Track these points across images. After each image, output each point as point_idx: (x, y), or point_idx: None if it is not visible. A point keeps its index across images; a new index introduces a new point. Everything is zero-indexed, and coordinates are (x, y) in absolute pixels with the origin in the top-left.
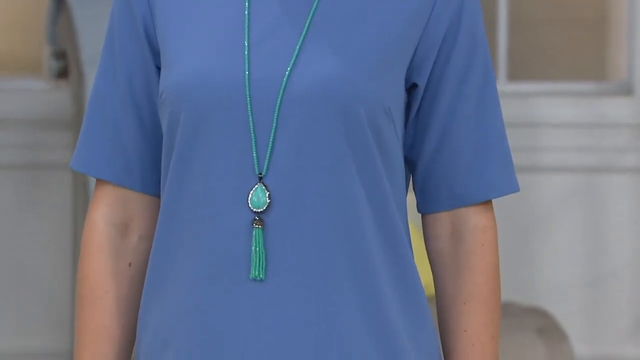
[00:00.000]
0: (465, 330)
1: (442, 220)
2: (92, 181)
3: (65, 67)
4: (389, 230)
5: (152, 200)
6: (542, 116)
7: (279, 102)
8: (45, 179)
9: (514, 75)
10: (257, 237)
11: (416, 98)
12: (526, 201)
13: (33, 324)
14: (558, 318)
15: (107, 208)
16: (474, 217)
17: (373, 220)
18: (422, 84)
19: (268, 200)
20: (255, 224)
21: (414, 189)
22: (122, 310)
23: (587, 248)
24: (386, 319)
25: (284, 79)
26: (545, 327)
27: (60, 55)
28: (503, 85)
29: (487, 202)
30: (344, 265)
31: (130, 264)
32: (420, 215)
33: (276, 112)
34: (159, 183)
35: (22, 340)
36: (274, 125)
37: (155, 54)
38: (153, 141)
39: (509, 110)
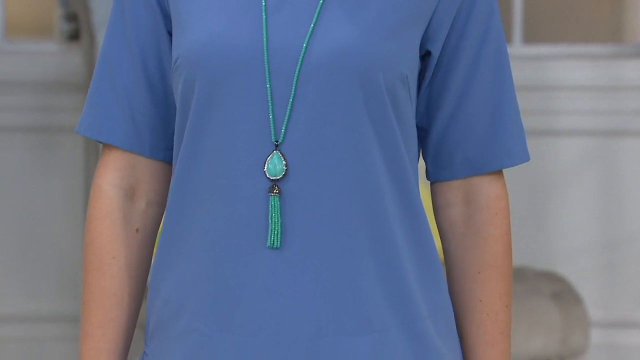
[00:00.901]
0: (480, 300)
1: (455, 188)
2: None
3: (76, 29)
4: (406, 197)
5: (161, 165)
6: (557, 79)
7: (297, 69)
8: (56, 141)
9: (529, 37)
10: (273, 205)
11: (430, 66)
12: (541, 165)
13: (44, 287)
14: (573, 282)
15: (114, 173)
16: (487, 186)
17: (391, 187)
18: (435, 52)
19: (285, 168)
20: (272, 192)
21: (424, 156)
22: (129, 276)
23: (602, 212)
24: (404, 286)
25: (303, 46)
26: (560, 291)
27: (71, 17)
28: (518, 48)
29: (500, 171)
30: (361, 233)
31: (137, 230)
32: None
33: (295, 79)
34: (168, 149)
35: (33, 304)
36: (292, 92)
37: (167, 18)
38: (162, 106)
39: (523, 73)
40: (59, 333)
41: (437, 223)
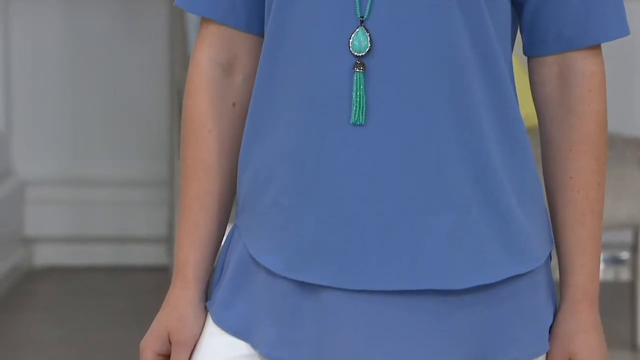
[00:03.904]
0: (571, 177)
1: (549, 64)
2: (189, 14)
3: None
4: (493, 76)
5: (257, 40)
6: None
7: None
8: (141, 8)
9: None
10: (357, 81)
11: None
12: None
13: (131, 153)
14: None
15: (211, 48)
16: (582, 62)
17: (477, 65)
18: None
19: (369, 44)
20: (356, 68)
21: (521, 31)
22: (225, 150)
23: None
24: (487, 164)
25: None
26: None
27: None
28: None
29: (596, 47)
30: (445, 110)
31: (234, 104)
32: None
33: None
34: (264, 23)
35: (121, 168)
36: None
37: None
38: None
39: None
40: (145, 197)
41: (533, 100)
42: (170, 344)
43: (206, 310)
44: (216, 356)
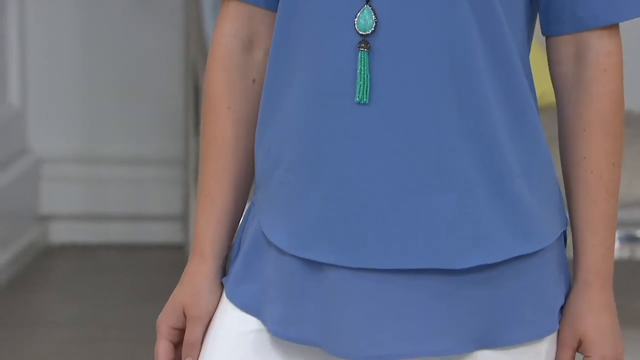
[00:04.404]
0: (584, 157)
1: (565, 43)
2: None
3: None
4: (500, 56)
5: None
6: None
7: None
8: None
9: None
10: (362, 60)
11: None
12: None
13: (146, 130)
14: None
15: (231, 24)
16: (597, 42)
17: (483, 45)
18: None
19: (374, 23)
20: (361, 47)
21: (538, 10)
22: (244, 126)
23: None
24: (493, 144)
25: None
26: None
27: None
28: None
29: (613, 26)
30: (449, 91)
31: (254, 80)
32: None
33: None
34: None
35: (136, 146)
36: None
37: None
38: None
39: None
40: (160, 175)
41: (551, 78)
42: (186, 318)
43: (222, 285)
44: (228, 331)
